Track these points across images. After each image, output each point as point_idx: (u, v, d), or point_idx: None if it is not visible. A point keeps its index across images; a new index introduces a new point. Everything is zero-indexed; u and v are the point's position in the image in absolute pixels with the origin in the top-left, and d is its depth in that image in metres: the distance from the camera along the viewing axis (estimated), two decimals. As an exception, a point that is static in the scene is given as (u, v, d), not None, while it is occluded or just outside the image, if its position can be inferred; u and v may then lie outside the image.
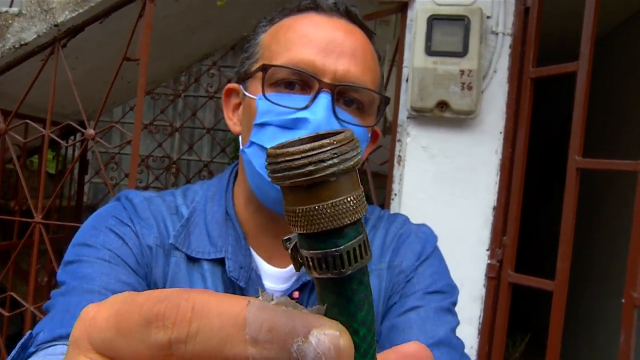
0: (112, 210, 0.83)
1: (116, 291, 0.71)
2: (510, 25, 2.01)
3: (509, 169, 2.00)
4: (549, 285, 1.87)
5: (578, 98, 1.83)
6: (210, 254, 0.82)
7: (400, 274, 0.93)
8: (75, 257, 0.77)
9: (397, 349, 0.31)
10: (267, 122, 0.78)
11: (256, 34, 0.86)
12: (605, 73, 4.01)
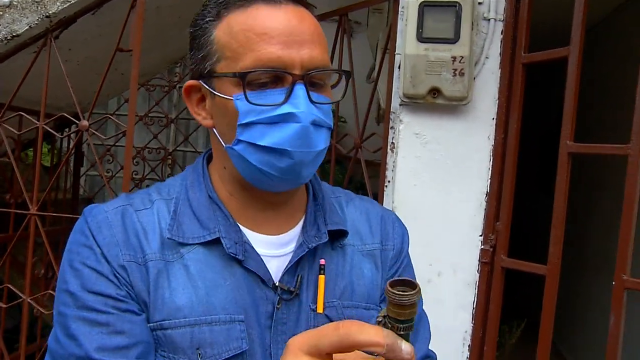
0: (80, 238, 0.85)
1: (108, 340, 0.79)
2: (502, 12, 2.01)
3: (502, 155, 2.01)
4: (541, 269, 1.88)
5: (569, 83, 1.84)
6: (206, 237, 0.86)
7: (393, 258, 1.03)
8: (63, 308, 0.82)
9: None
10: (253, 121, 0.82)
11: (202, 29, 0.86)
12: (601, 59, 4.03)
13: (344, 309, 0.93)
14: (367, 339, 0.60)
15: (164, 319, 0.82)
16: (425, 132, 2.04)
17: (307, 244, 0.91)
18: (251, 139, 0.82)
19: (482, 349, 2.06)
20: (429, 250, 2.05)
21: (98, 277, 0.82)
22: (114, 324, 0.80)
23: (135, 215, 0.87)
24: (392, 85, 2.09)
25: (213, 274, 0.85)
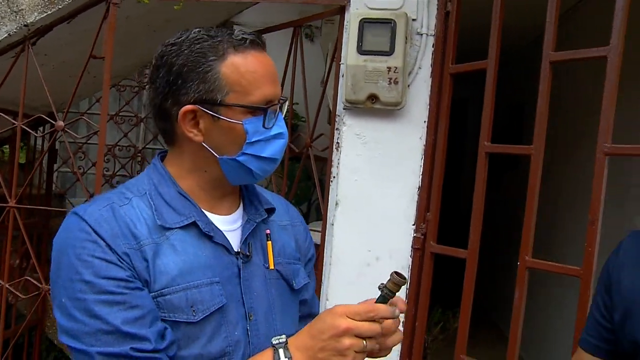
0: (83, 235, 1.03)
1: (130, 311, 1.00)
2: (433, 27, 2.29)
3: (432, 154, 2.29)
4: (463, 254, 2.17)
5: (487, 91, 2.12)
6: (184, 221, 1.10)
7: (299, 234, 1.32)
8: (81, 294, 1.00)
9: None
10: (258, 139, 1.09)
11: (207, 65, 1.07)
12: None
13: (285, 264, 1.22)
14: (384, 313, 1.01)
15: (163, 288, 1.04)
16: (365, 133, 2.31)
17: (253, 220, 1.19)
18: (255, 152, 1.09)
19: (414, 324, 2.33)
20: (368, 238, 2.32)
21: (108, 265, 1.01)
22: (129, 300, 1.00)
23: (120, 210, 1.08)
24: (337, 92, 2.36)
25: (193, 249, 1.09)
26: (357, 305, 1.01)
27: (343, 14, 2.38)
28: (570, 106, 3.75)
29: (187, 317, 1.04)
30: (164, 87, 1.09)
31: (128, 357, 0.97)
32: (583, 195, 1.92)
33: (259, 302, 1.14)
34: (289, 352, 1.01)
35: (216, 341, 1.06)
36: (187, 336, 1.04)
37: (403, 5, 2.25)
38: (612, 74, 1.78)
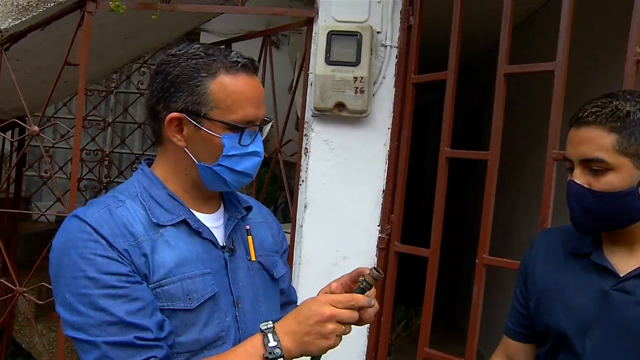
0: (84, 235, 1.12)
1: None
2: (397, 40, 2.43)
3: (395, 160, 2.43)
4: (425, 252, 2.30)
5: (447, 100, 2.26)
6: (174, 219, 1.20)
7: (273, 229, 1.43)
8: (85, 290, 1.08)
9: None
10: (234, 154, 1.19)
11: (198, 80, 1.17)
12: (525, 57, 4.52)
13: (265, 256, 1.33)
14: (363, 303, 1.13)
15: (161, 279, 1.14)
16: (332, 139, 2.43)
17: (234, 217, 1.30)
18: (230, 165, 1.19)
19: (380, 321, 2.46)
20: (335, 238, 2.44)
21: (110, 261, 1.10)
22: (131, 294, 1.08)
23: (116, 211, 1.17)
24: (306, 99, 2.47)
25: (184, 244, 1.19)
26: (339, 295, 1.14)
27: (311, 25, 2.50)
28: (525, 113, 3.94)
29: (184, 304, 1.14)
30: (158, 92, 1.20)
31: (132, 345, 1.06)
32: (537, 197, 2.07)
33: (245, 291, 1.25)
34: (277, 336, 1.11)
35: (210, 327, 1.17)
36: (184, 323, 1.14)
37: (368, 18, 2.39)
38: (559, 86, 1.95)
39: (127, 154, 5.35)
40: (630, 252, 1.27)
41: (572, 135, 1.26)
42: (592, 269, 1.29)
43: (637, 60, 1.79)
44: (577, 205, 1.25)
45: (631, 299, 1.22)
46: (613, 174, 1.20)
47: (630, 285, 1.23)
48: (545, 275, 1.37)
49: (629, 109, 1.19)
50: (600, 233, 1.31)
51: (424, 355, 2.31)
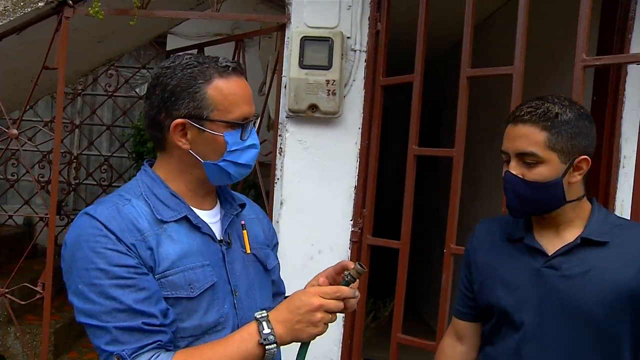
0: (95, 231, 1.22)
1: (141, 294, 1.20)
2: (365, 44, 2.57)
3: (366, 157, 2.57)
4: (396, 244, 2.45)
5: (414, 101, 2.41)
6: (176, 216, 1.30)
7: (265, 225, 1.56)
8: (97, 280, 1.19)
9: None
10: (235, 149, 1.31)
11: (196, 87, 1.28)
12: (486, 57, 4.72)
13: (258, 249, 1.44)
14: (348, 294, 1.25)
15: (165, 270, 1.24)
16: (306, 139, 2.56)
17: (230, 213, 1.41)
18: (233, 159, 1.31)
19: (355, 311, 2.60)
20: (311, 233, 2.57)
21: (119, 254, 1.20)
22: (138, 284, 1.19)
23: (123, 209, 1.27)
24: (280, 101, 2.59)
25: (186, 238, 1.30)
26: (327, 287, 1.27)
27: (283, 31, 2.62)
28: (485, 111, 4.14)
29: (187, 293, 1.25)
30: (159, 102, 1.29)
31: (140, 330, 1.17)
32: (497, 189, 2.23)
33: (241, 281, 1.37)
34: (270, 324, 1.23)
35: (210, 313, 1.28)
36: (187, 310, 1.26)
37: (339, 24, 2.52)
38: (516, 88, 2.12)
39: (96, 156, 5.37)
40: (556, 234, 1.47)
41: (509, 131, 1.45)
42: (525, 251, 1.49)
43: (584, 66, 1.97)
44: (512, 193, 1.45)
45: (558, 273, 1.43)
46: (543, 166, 1.40)
47: (557, 262, 1.44)
48: (486, 260, 1.57)
49: (558, 111, 1.40)
50: (531, 218, 1.51)
51: (397, 340, 2.46)
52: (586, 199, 1.50)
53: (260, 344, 1.21)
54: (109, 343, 1.18)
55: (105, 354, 1.18)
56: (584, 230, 1.44)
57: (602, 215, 1.48)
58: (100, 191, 5.22)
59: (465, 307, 1.64)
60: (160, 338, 1.20)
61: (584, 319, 1.39)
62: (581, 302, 1.39)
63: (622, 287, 1.37)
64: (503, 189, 1.47)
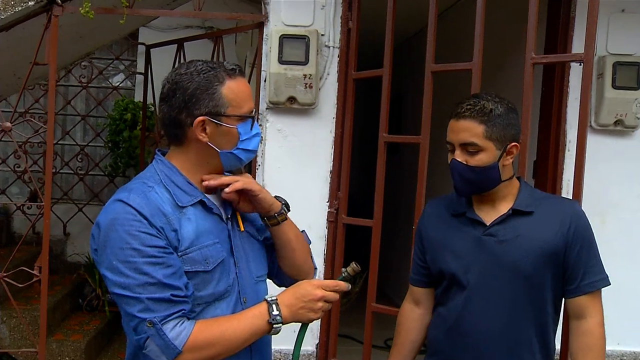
0: (130, 216, 1.41)
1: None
2: (338, 41, 2.81)
3: (340, 144, 2.82)
4: (369, 223, 2.72)
5: (384, 93, 2.67)
6: (193, 200, 1.49)
7: None
8: (132, 258, 1.37)
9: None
10: (246, 138, 1.50)
11: (213, 89, 1.47)
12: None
13: (250, 226, 1.64)
14: (344, 288, 1.46)
15: (186, 249, 1.42)
16: (285, 128, 2.80)
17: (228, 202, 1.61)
18: (244, 147, 1.51)
19: (331, 284, 2.86)
20: (291, 214, 2.79)
21: (151, 237, 1.37)
22: (166, 262, 1.37)
23: (150, 196, 1.45)
24: (260, 94, 2.82)
25: (201, 220, 1.46)
26: (329, 281, 1.50)
27: (261, 28, 2.84)
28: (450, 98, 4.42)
29: (204, 267, 1.46)
30: (180, 104, 1.47)
31: (168, 301, 1.37)
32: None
33: (240, 254, 1.57)
34: (279, 307, 1.43)
35: (221, 284, 1.49)
36: (204, 282, 1.46)
37: (313, 22, 2.76)
38: (475, 81, 2.39)
39: (71, 145, 5.48)
40: (493, 208, 1.76)
41: (453, 125, 1.72)
42: (468, 223, 1.77)
43: (533, 63, 2.25)
44: (458, 176, 1.72)
45: (495, 239, 1.72)
46: (483, 153, 1.67)
47: (494, 230, 1.73)
48: (435, 233, 1.84)
49: (492, 107, 1.67)
50: (472, 196, 1.78)
51: (371, 309, 2.73)
52: (515, 178, 1.79)
53: (269, 322, 1.43)
54: (142, 311, 1.37)
55: (137, 320, 1.37)
56: (514, 203, 1.74)
57: (529, 190, 1.79)
58: (76, 180, 5.34)
59: (420, 275, 1.91)
60: (184, 307, 1.40)
61: (516, 274, 1.69)
62: (514, 261, 1.69)
63: (544, 247, 1.69)
64: (450, 174, 1.74)
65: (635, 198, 2.97)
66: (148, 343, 1.37)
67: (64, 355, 3.90)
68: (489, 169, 1.68)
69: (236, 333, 1.42)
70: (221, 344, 1.41)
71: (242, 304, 1.52)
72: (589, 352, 1.71)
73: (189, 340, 1.37)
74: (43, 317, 2.82)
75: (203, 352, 1.40)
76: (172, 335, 1.36)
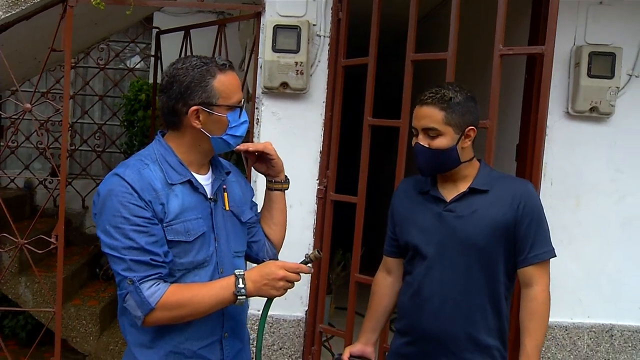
0: (123, 189, 1.59)
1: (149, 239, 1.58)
2: (329, 31, 3.02)
3: (329, 126, 3.05)
4: (354, 199, 2.95)
5: (369, 79, 2.88)
6: (182, 179, 1.67)
7: (242, 186, 1.92)
8: (121, 225, 1.57)
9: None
10: (234, 125, 1.69)
11: (206, 82, 1.65)
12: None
13: (235, 207, 1.84)
14: (305, 270, 1.66)
15: (171, 220, 1.61)
16: (279, 111, 3.03)
17: (219, 178, 1.81)
18: (233, 133, 1.70)
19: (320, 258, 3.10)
20: (283, 191, 3.05)
21: (139, 208, 1.57)
22: (150, 231, 1.56)
23: (143, 172, 1.66)
24: (256, 79, 3.05)
25: (187, 197, 1.65)
26: (292, 263, 1.66)
27: (259, 18, 3.06)
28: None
29: (185, 238, 1.67)
30: (177, 94, 1.67)
31: (148, 264, 1.59)
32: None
33: (221, 230, 1.74)
34: (245, 281, 1.62)
35: (200, 253, 1.70)
36: (184, 250, 1.67)
37: (306, 13, 2.98)
38: (450, 70, 2.59)
39: (89, 124, 5.79)
40: (454, 186, 1.95)
41: (417, 112, 1.91)
42: (431, 200, 1.96)
43: (500, 55, 2.45)
44: (422, 158, 1.91)
45: (453, 214, 1.91)
46: (442, 137, 1.86)
47: (453, 207, 1.92)
48: (403, 209, 2.05)
49: (451, 95, 1.86)
50: (437, 176, 1.97)
51: (355, 280, 2.98)
52: (476, 159, 1.98)
53: (234, 294, 1.62)
54: (125, 270, 1.59)
55: (121, 277, 1.60)
56: (472, 182, 1.93)
57: (487, 171, 1.97)
58: (94, 157, 5.65)
59: (391, 246, 2.12)
60: (161, 271, 1.61)
61: (471, 246, 1.89)
62: (470, 234, 1.89)
63: (497, 222, 1.88)
64: (415, 156, 1.93)
65: (609, 182, 3.15)
66: (127, 298, 1.60)
67: (81, 319, 4.23)
68: (449, 151, 1.87)
69: (204, 299, 1.62)
70: (190, 306, 1.61)
71: (219, 273, 1.72)
72: (534, 315, 1.89)
73: (161, 299, 1.58)
74: (59, 280, 3.11)
75: (173, 312, 1.60)
76: (148, 293, 1.57)
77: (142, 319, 1.59)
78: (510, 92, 3.67)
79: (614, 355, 3.21)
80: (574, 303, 3.17)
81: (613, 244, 3.16)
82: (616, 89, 3.03)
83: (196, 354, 1.70)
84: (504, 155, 3.64)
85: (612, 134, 3.13)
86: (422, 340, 1.97)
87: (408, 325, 2.01)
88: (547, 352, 3.16)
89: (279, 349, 3.15)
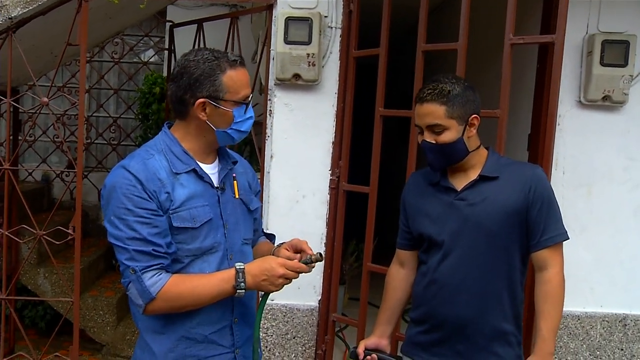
0: (127, 181, 1.62)
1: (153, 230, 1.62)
2: (340, 22, 3.04)
3: (342, 117, 3.07)
4: (366, 189, 2.97)
5: (380, 70, 2.90)
6: (187, 168, 1.70)
7: (250, 177, 1.96)
8: (125, 216, 1.61)
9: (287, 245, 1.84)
10: (239, 120, 1.72)
11: (215, 76, 1.68)
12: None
13: (244, 195, 1.88)
14: (304, 270, 1.68)
15: (177, 208, 1.64)
16: (291, 102, 3.06)
17: (225, 167, 1.84)
18: (238, 128, 1.73)
19: (333, 245, 3.14)
20: (296, 181, 3.09)
21: (143, 200, 1.60)
22: (154, 222, 1.60)
23: (148, 162, 1.70)
24: (269, 71, 3.08)
25: (193, 185, 1.68)
26: (292, 262, 1.70)
27: (271, 10, 3.09)
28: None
29: (191, 224, 1.70)
30: (186, 86, 1.70)
31: (149, 254, 1.62)
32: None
33: (230, 217, 1.80)
34: (245, 275, 1.65)
35: (207, 240, 1.73)
36: (191, 237, 1.70)
37: (317, 5, 3.00)
38: (461, 60, 2.60)
39: (104, 117, 5.86)
40: (465, 176, 1.97)
41: (418, 110, 1.91)
42: (442, 190, 1.98)
43: (511, 44, 2.46)
44: (431, 155, 1.92)
45: (465, 203, 1.93)
46: (447, 131, 1.88)
47: (464, 195, 1.94)
48: (415, 201, 2.06)
49: (449, 89, 1.87)
50: (446, 168, 1.98)
51: (367, 269, 3.01)
52: (483, 147, 1.99)
53: (234, 287, 1.65)
54: (128, 259, 1.63)
55: (124, 266, 1.64)
56: (482, 170, 1.95)
57: (495, 158, 1.99)
58: (109, 149, 5.72)
59: (404, 239, 2.13)
60: (163, 262, 1.64)
61: (484, 233, 1.90)
62: (482, 221, 1.90)
63: (508, 207, 1.89)
64: (424, 152, 1.94)
65: (621, 170, 3.15)
66: (130, 286, 1.64)
67: (98, 309, 4.30)
68: (456, 144, 1.88)
69: (205, 291, 1.66)
70: (190, 297, 1.66)
71: (228, 260, 1.76)
72: (549, 297, 1.91)
73: (162, 289, 1.62)
74: (77, 271, 3.16)
75: (174, 302, 1.65)
76: (149, 283, 1.61)
77: (143, 308, 1.63)
78: (522, 81, 3.67)
79: (627, 345, 3.22)
80: (586, 292, 3.17)
81: (626, 232, 3.15)
82: (629, 77, 3.02)
83: (207, 338, 1.73)
84: (516, 144, 3.65)
85: (624, 122, 3.12)
86: (438, 328, 1.98)
87: (424, 314, 2.03)
88: (559, 341, 3.17)
89: (293, 338, 3.20)
